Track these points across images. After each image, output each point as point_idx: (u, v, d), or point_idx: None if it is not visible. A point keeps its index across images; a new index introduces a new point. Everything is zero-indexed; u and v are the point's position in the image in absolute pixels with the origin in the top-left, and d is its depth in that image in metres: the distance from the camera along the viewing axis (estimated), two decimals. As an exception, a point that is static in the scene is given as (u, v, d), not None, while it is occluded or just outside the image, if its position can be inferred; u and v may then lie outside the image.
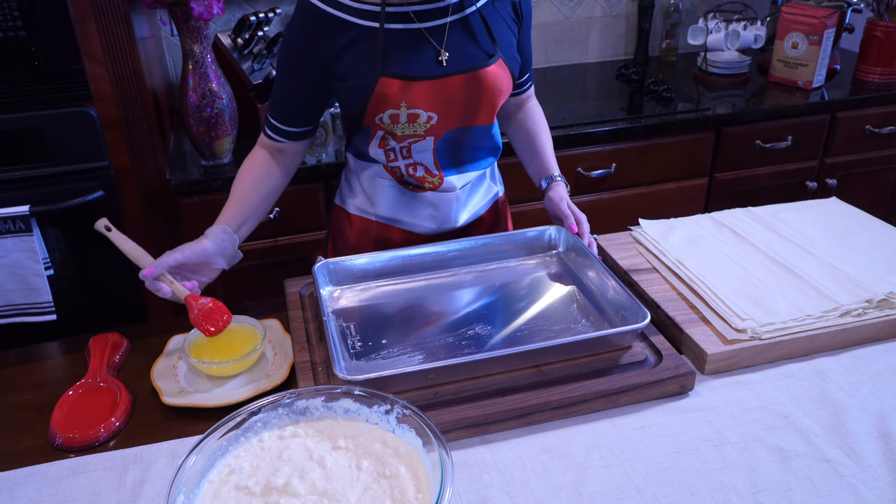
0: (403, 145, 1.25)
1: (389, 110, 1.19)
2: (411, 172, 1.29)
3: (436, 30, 1.19)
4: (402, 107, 1.18)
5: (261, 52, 2.07)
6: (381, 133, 1.24)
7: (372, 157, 1.30)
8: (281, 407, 0.87)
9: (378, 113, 1.20)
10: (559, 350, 1.03)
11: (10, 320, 1.74)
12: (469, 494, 0.87)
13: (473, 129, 1.27)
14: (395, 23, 1.17)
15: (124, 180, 1.76)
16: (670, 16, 2.62)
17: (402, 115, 1.19)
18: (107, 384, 1.06)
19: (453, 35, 1.20)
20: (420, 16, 1.18)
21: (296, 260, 1.97)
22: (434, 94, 1.19)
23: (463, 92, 1.21)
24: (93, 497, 0.89)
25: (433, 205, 1.33)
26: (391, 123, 1.21)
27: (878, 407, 0.98)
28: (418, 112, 1.19)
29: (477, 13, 1.22)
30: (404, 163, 1.28)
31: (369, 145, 1.28)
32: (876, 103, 2.29)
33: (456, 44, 1.20)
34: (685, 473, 0.89)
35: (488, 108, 1.25)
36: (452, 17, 1.20)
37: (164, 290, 1.10)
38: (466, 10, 1.21)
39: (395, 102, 1.18)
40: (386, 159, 1.28)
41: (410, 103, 1.18)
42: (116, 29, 1.64)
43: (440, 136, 1.24)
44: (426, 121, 1.21)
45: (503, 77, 1.24)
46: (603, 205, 2.17)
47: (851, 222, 1.38)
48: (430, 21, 1.19)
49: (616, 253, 1.33)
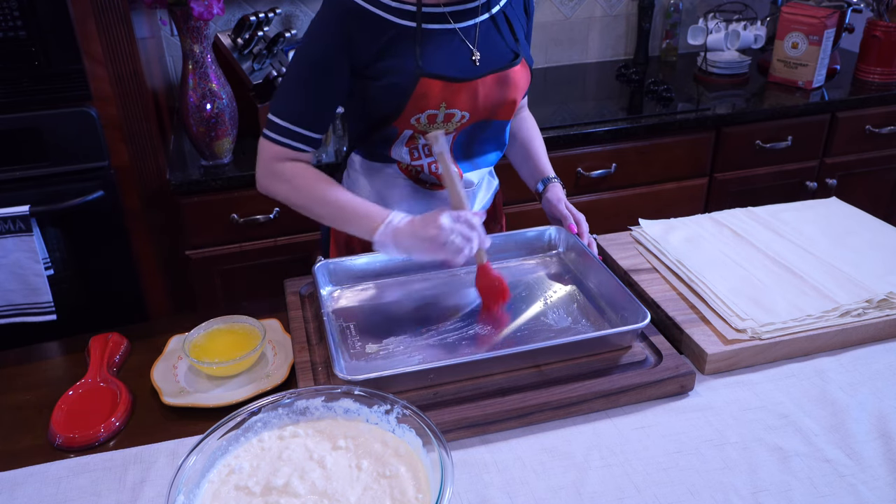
0: (426, 143, 1.25)
1: (429, 111, 1.17)
2: (433, 169, 1.28)
3: (468, 30, 1.19)
4: (441, 107, 1.17)
5: (261, 52, 2.07)
6: (410, 132, 1.22)
7: (391, 158, 1.27)
8: (281, 407, 0.87)
9: (416, 113, 1.17)
10: (559, 350, 1.03)
11: (10, 320, 1.74)
12: (469, 494, 0.87)
13: (493, 123, 1.27)
14: (431, 23, 1.16)
15: (124, 180, 1.76)
16: (670, 16, 2.62)
17: (440, 114, 1.18)
18: (107, 384, 1.06)
19: (483, 34, 1.20)
20: (455, 16, 1.18)
21: (296, 260, 1.97)
22: (471, 95, 1.19)
23: (494, 91, 1.21)
24: (93, 497, 0.89)
25: (448, 202, 1.33)
26: (428, 123, 1.19)
27: (878, 407, 0.98)
28: (454, 112, 1.19)
29: (501, 12, 1.23)
30: (427, 160, 1.27)
31: (392, 145, 1.25)
32: (876, 103, 2.29)
33: (486, 43, 1.20)
34: (685, 473, 0.89)
35: (510, 105, 1.25)
36: (482, 16, 1.20)
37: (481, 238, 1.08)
38: (493, 10, 1.21)
39: (435, 103, 1.17)
40: (410, 158, 1.26)
41: (450, 104, 1.18)
42: (116, 29, 1.64)
43: (461, 130, 1.24)
44: (459, 119, 1.21)
45: (525, 76, 1.25)
46: (603, 205, 2.17)
47: (851, 222, 1.38)
48: (465, 21, 1.19)
49: (616, 253, 1.33)
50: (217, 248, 1.91)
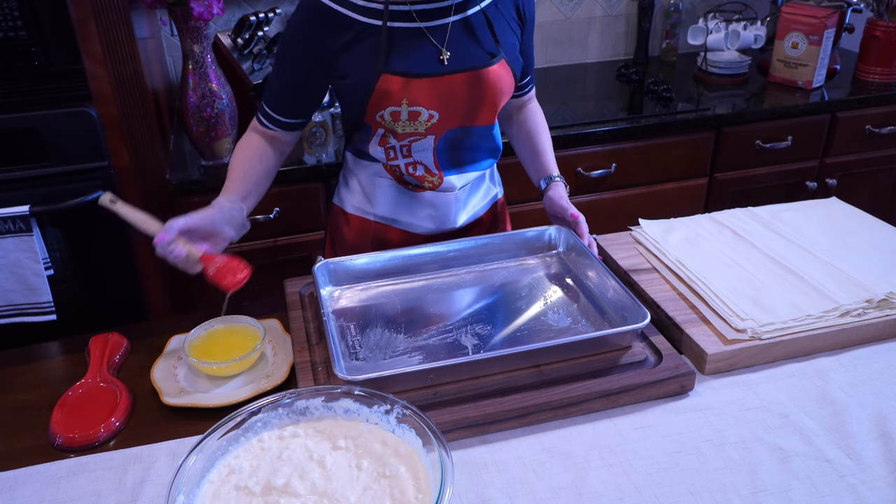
0: (404, 144, 1.25)
1: (391, 107, 1.19)
2: (411, 171, 1.29)
3: (437, 29, 1.20)
4: (403, 104, 1.19)
5: (261, 52, 2.07)
6: (382, 131, 1.24)
7: (372, 156, 1.30)
8: (281, 407, 0.87)
9: (379, 110, 1.20)
10: (559, 350, 1.03)
11: (10, 320, 1.74)
12: (469, 494, 0.87)
13: (474, 129, 1.28)
14: (397, 21, 1.18)
15: (124, 180, 1.76)
16: (670, 16, 2.62)
17: (403, 112, 1.20)
18: (107, 384, 1.06)
19: (455, 35, 1.20)
20: (422, 15, 1.18)
21: (296, 260, 1.97)
22: (435, 91, 1.19)
23: (464, 91, 1.21)
24: (93, 497, 0.89)
25: (432, 205, 1.33)
26: (392, 121, 1.21)
27: (878, 407, 0.98)
28: (419, 109, 1.20)
29: (480, 13, 1.22)
30: (404, 161, 1.28)
31: (370, 143, 1.28)
32: (876, 103, 2.29)
33: (458, 43, 1.20)
34: (685, 473, 0.89)
35: (490, 108, 1.25)
36: (455, 16, 1.20)
37: (177, 252, 1.07)
38: (469, 11, 1.21)
39: (396, 99, 1.18)
40: (386, 158, 1.29)
41: (412, 100, 1.19)
42: (116, 29, 1.64)
43: (441, 135, 1.25)
44: (427, 119, 1.21)
45: (505, 77, 1.24)
46: (603, 205, 2.17)
47: (851, 222, 1.38)
48: (433, 20, 1.19)
49: (616, 253, 1.33)
50: (217, 248, 1.91)
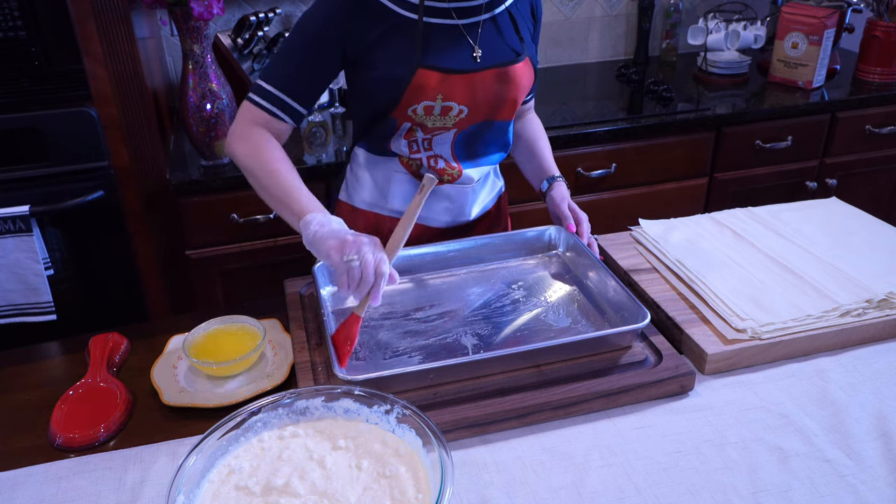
0: (427, 137, 1.26)
1: (425, 101, 1.19)
2: (432, 164, 1.29)
3: (471, 27, 1.21)
4: (437, 99, 1.19)
5: (261, 52, 2.08)
6: (409, 125, 1.24)
7: (391, 151, 1.29)
8: (281, 407, 0.87)
9: (413, 104, 1.19)
10: (559, 350, 1.03)
11: (10, 320, 1.74)
12: (469, 494, 0.87)
13: (495, 124, 1.29)
14: (433, 17, 1.18)
15: (124, 180, 1.76)
16: (670, 16, 2.62)
17: (436, 107, 1.20)
18: (107, 384, 1.06)
19: (486, 32, 1.22)
20: (459, 12, 1.19)
21: (296, 260, 1.97)
22: (468, 88, 1.20)
23: (493, 87, 1.22)
24: (93, 497, 0.89)
25: (449, 197, 1.34)
26: (424, 115, 1.21)
27: (878, 407, 0.98)
28: (452, 105, 1.20)
29: (506, 12, 1.24)
30: (426, 154, 1.28)
31: (392, 138, 1.27)
32: (876, 103, 2.29)
33: (488, 41, 1.22)
34: (685, 473, 0.89)
35: (512, 104, 1.27)
36: (485, 14, 1.22)
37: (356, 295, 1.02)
38: (496, 10, 1.23)
39: (431, 94, 1.18)
40: (409, 151, 1.27)
41: (446, 96, 1.19)
42: (116, 29, 1.64)
43: (463, 129, 1.25)
44: (457, 114, 1.22)
45: (528, 75, 1.26)
46: (603, 205, 2.17)
47: (851, 222, 1.38)
48: (467, 18, 1.20)
49: (616, 253, 1.33)
50: (217, 248, 1.91)
